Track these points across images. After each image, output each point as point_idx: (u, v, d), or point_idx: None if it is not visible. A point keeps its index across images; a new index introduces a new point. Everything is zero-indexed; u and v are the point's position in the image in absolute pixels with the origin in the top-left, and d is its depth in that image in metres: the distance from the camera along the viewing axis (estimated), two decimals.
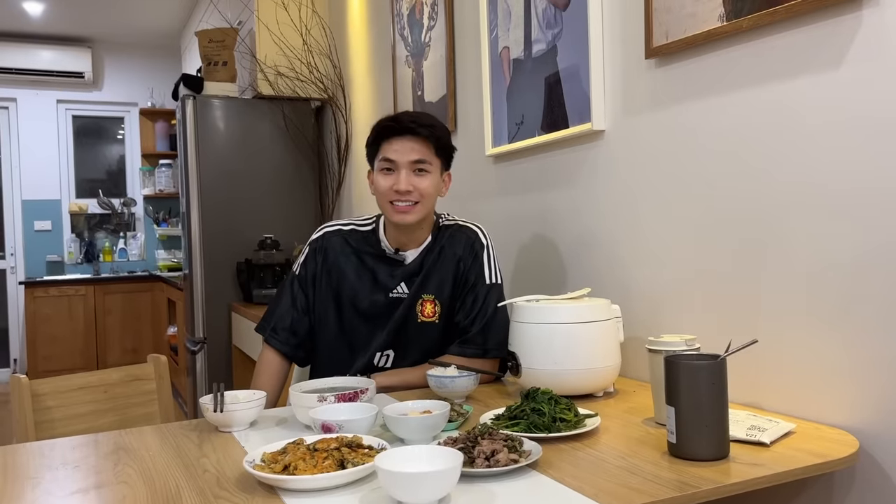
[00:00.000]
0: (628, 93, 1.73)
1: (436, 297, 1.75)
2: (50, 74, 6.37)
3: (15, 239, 6.46)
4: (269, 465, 1.08)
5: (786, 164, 1.35)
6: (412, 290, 1.75)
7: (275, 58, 3.71)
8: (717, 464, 1.09)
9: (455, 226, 1.82)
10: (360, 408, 1.31)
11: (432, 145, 1.69)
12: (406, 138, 1.68)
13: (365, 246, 1.79)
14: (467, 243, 1.77)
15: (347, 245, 1.80)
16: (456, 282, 1.75)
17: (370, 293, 1.76)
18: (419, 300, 1.74)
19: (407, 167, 1.67)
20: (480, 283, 1.75)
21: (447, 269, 1.76)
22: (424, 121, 1.70)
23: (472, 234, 1.79)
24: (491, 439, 1.11)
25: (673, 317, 1.63)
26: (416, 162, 1.68)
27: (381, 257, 1.77)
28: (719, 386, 1.12)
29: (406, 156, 1.67)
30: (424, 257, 1.77)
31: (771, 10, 1.33)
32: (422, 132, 1.67)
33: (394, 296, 1.75)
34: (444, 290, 1.75)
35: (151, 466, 1.19)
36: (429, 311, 1.74)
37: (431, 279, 1.75)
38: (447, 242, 1.78)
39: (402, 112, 1.77)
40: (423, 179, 1.69)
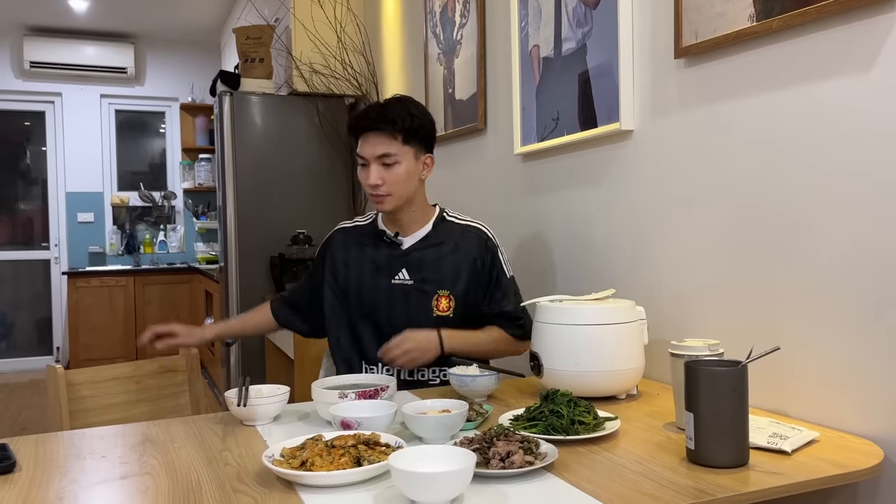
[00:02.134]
0: (657, 93, 1.71)
1: (450, 293, 1.80)
2: (94, 70, 6.52)
3: (59, 230, 6.63)
4: (287, 461, 1.10)
5: (815, 166, 1.33)
6: (416, 279, 1.81)
7: (310, 55, 3.74)
8: (736, 471, 1.08)
9: (462, 225, 1.88)
10: (379, 405, 1.32)
11: (399, 136, 1.73)
12: (371, 134, 1.74)
13: (364, 237, 1.89)
14: (481, 243, 1.84)
15: (349, 238, 1.91)
16: (476, 279, 1.82)
17: (372, 278, 1.83)
18: (434, 296, 1.79)
19: (375, 162, 1.74)
20: (503, 278, 1.85)
21: (460, 265, 1.81)
22: (390, 114, 1.73)
23: (483, 235, 1.86)
24: (507, 440, 1.11)
25: (699, 320, 1.61)
26: (382, 156, 1.73)
27: (379, 243, 1.85)
28: (740, 393, 1.10)
29: (372, 151, 1.74)
30: (424, 247, 1.83)
31: (801, 11, 1.30)
32: (385, 127, 1.72)
33: (396, 282, 1.81)
34: (458, 285, 1.81)
35: (175, 458, 1.22)
36: (444, 305, 1.80)
37: (438, 271, 1.81)
38: (459, 240, 1.84)
39: (370, 105, 1.80)
40: (392, 172, 1.74)
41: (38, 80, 6.45)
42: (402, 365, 1.70)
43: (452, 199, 2.77)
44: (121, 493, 1.07)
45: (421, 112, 1.78)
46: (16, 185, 6.63)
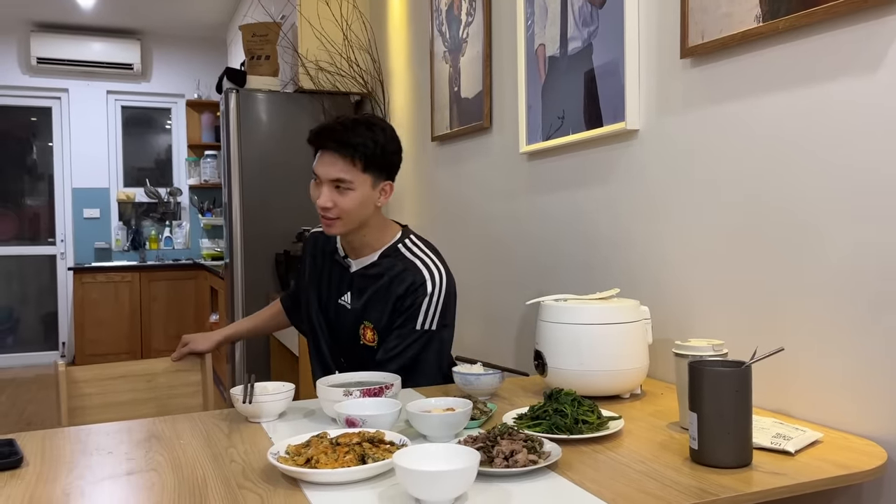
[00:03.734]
0: (663, 92, 1.71)
1: (374, 326, 1.75)
2: (100, 66, 6.53)
3: (65, 226, 6.65)
4: (292, 458, 1.11)
5: (821, 167, 1.33)
6: (354, 305, 1.78)
7: (316, 52, 3.74)
8: (739, 472, 1.08)
9: (408, 261, 1.74)
10: (384, 403, 1.33)
11: (359, 162, 1.63)
12: (328, 154, 1.64)
13: (326, 246, 1.87)
14: (410, 286, 1.70)
15: (317, 244, 1.90)
16: (391, 318, 1.72)
17: (326, 292, 1.85)
18: (362, 324, 1.76)
19: (328, 184, 1.65)
20: (409, 327, 1.70)
21: (386, 301, 1.72)
22: (350, 138, 1.62)
23: (419, 278, 1.70)
24: (511, 439, 1.12)
25: (703, 319, 1.61)
26: (337, 180, 1.64)
27: (334, 259, 1.84)
28: (743, 393, 1.10)
29: (326, 173, 1.64)
30: (365, 275, 1.77)
31: (808, 12, 1.30)
32: (343, 152, 1.63)
33: (341, 303, 1.81)
34: (381, 320, 1.73)
35: (181, 455, 1.23)
36: (369, 336, 1.76)
37: (371, 305, 1.75)
38: (393, 277, 1.72)
39: (335, 122, 1.67)
40: (345, 198, 1.65)
41: (44, 76, 6.47)
42: None
43: (457, 198, 2.78)
44: (127, 489, 1.08)
45: (386, 138, 1.68)
46: (22, 180, 6.66)
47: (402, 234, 1.80)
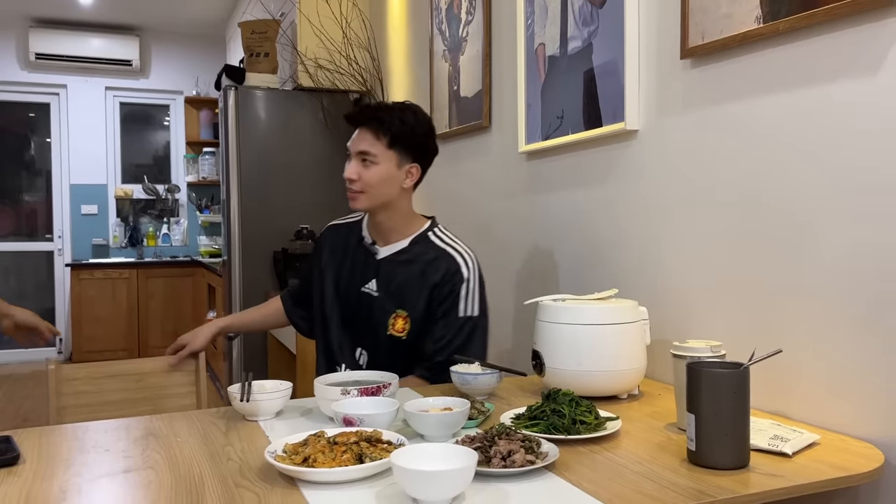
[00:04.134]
0: (663, 93, 1.71)
1: (408, 315, 1.76)
2: (99, 62, 6.52)
3: (62, 222, 6.64)
4: (289, 457, 1.10)
5: (819, 168, 1.33)
6: (381, 293, 1.79)
7: (315, 50, 3.74)
8: (737, 473, 1.08)
9: (440, 249, 1.79)
10: (381, 402, 1.33)
11: (384, 138, 1.72)
12: (360, 129, 1.76)
13: (349, 235, 1.90)
14: (447, 274, 1.74)
15: (337, 236, 1.92)
16: (429, 307, 1.75)
17: (347, 281, 1.84)
18: (392, 314, 1.76)
19: (355, 157, 1.75)
20: (453, 315, 1.74)
21: (421, 290, 1.75)
22: (380, 115, 1.73)
23: (453, 265, 1.76)
24: (508, 439, 1.11)
25: (701, 321, 1.61)
26: (362, 153, 1.73)
27: (359, 247, 1.86)
28: (741, 395, 1.11)
29: (355, 146, 1.75)
30: (395, 261, 1.80)
31: (809, 13, 1.30)
32: (371, 125, 1.73)
33: (365, 290, 1.81)
34: (416, 309, 1.75)
35: (178, 453, 1.23)
36: (399, 326, 1.77)
37: (402, 292, 1.77)
38: (426, 264, 1.76)
39: (368, 104, 1.80)
40: (369, 171, 1.73)
41: (43, 72, 6.45)
42: None
43: (456, 196, 2.77)
44: (124, 486, 1.08)
45: (417, 121, 1.76)
46: (20, 176, 6.64)
47: (430, 223, 1.86)
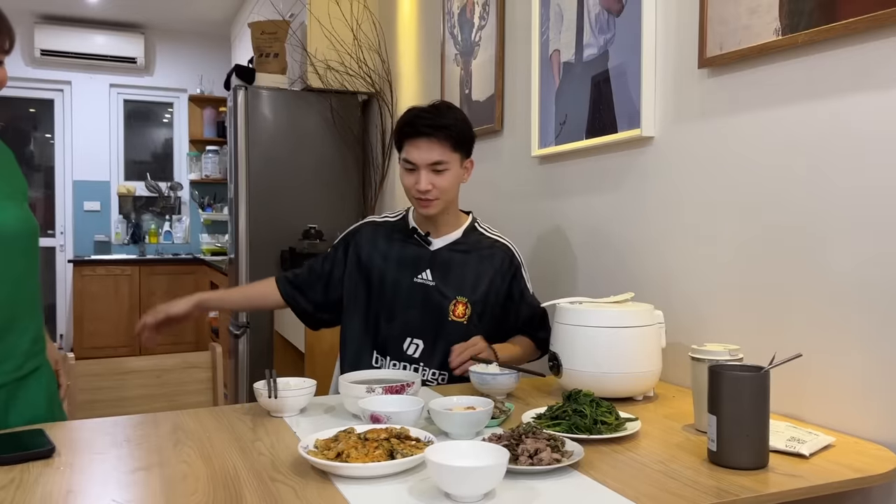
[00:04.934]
0: (679, 101, 1.74)
1: (468, 300, 1.84)
2: (104, 59, 6.53)
3: (65, 218, 6.65)
4: (322, 452, 1.13)
5: (835, 179, 1.36)
6: (438, 281, 1.84)
7: (325, 51, 3.77)
8: (756, 473, 1.12)
9: (491, 238, 1.93)
10: (407, 400, 1.36)
11: (450, 144, 1.78)
12: (424, 140, 1.77)
13: (394, 232, 1.92)
14: (505, 259, 1.90)
15: (378, 232, 1.93)
16: (495, 293, 1.87)
17: (396, 272, 1.86)
18: (453, 301, 1.83)
19: (426, 168, 1.77)
20: (528, 295, 1.92)
21: (482, 276, 1.86)
22: (441, 121, 1.77)
23: (508, 252, 1.92)
24: (535, 438, 1.15)
25: (715, 325, 1.64)
26: (435, 163, 1.77)
27: (409, 240, 1.89)
28: (762, 398, 1.14)
29: (424, 158, 1.77)
30: (451, 251, 1.87)
31: (828, 27, 1.33)
32: (438, 135, 1.76)
33: (419, 281, 1.85)
34: (477, 293, 1.85)
35: (209, 447, 1.26)
36: (460, 311, 1.84)
37: (460, 278, 1.85)
38: (485, 252, 1.89)
39: (421, 111, 1.81)
40: (442, 178, 1.79)
41: (48, 68, 6.47)
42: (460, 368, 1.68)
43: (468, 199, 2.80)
44: (161, 479, 1.10)
45: (465, 118, 1.84)
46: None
47: (472, 216, 1.96)
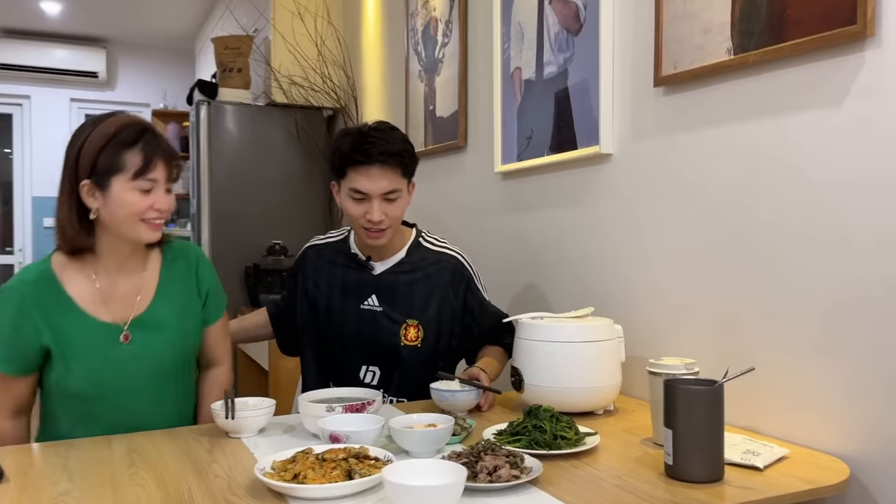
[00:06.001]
0: (636, 119, 1.77)
1: (418, 322, 1.78)
2: (64, 73, 6.44)
3: (24, 235, 6.51)
4: (278, 473, 1.12)
5: (785, 195, 1.39)
6: (385, 306, 1.78)
7: (289, 66, 3.76)
8: (712, 486, 1.13)
9: (437, 252, 1.85)
10: (367, 419, 1.35)
11: (401, 170, 1.70)
12: (376, 168, 1.66)
13: (336, 256, 1.85)
14: (455, 272, 1.82)
15: (321, 257, 1.86)
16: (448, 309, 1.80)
17: (341, 302, 1.80)
18: (403, 325, 1.77)
19: (378, 198, 1.68)
20: (486, 304, 1.86)
21: (431, 294, 1.79)
22: (392, 147, 1.67)
23: (457, 263, 1.84)
24: (494, 455, 1.15)
25: (673, 338, 1.67)
26: (388, 192, 1.68)
27: (351, 265, 1.82)
28: (716, 411, 1.16)
29: (378, 188, 1.67)
30: (395, 273, 1.81)
31: (776, 47, 1.37)
32: (391, 161, 1.67)
33: (365, 308, 1.79)
34: (427, 313, 1.79)
35: (164, 470, 1.23)
36: (412, 335, 1.78)
37: (408, 300, 1.78)
38: (431, 269, 1.81)
39: (367, 136, 1.69)
40: (395, 206, 1.71)
41: (6, 82, 6.35)
42: None
43: (431, 215, 2.81)
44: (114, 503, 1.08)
45: (407, 139, 1.76)
46: None
47: (415, 230, 1.88)
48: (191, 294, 1.61)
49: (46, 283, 1.48)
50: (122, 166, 1.43)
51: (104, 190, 1.43)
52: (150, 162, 1.44)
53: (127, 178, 1.43)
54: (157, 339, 1.53)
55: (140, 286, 1.55)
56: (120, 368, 1.50)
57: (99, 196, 1.44)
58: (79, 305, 1.49)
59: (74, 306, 1.48)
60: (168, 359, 1.56)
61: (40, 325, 1.46)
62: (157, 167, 1.46)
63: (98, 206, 1.44)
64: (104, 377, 1.49)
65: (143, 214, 1.46)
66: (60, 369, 1.47)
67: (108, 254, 1.51)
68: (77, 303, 1.49)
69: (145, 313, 1.53)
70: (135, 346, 1.51)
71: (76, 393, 1.49)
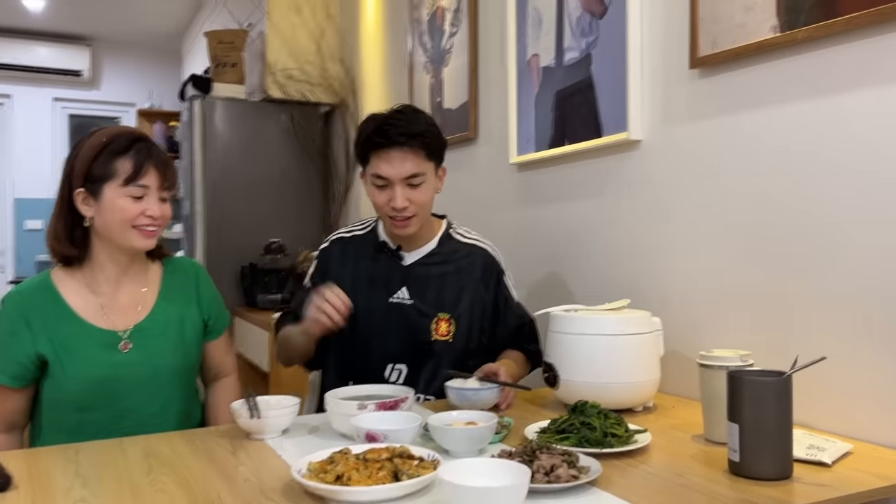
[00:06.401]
0: (668, 102, 1.70)
1: (450, 316, 1.69)
2: (47, 72, 6.29)
3: (5, 237, 6.34)
4: (317, 475, 1.03)
5: (841, 177, 1.33)
6: (416, 299, 1.68)
7: (285, 60, 3.66)
8: (782, 483, 1.06)
9: (468, 244, 1.76)
10: (403, 417, 1.26)
11: (424, 152, 1.61)
12: (396, 151, 1.58)
13: (363, 248, 1.75)
14: (487, 267, 1.75)
15: (346, 251, 1.76)
16: (479, 303, 1.72)
17: (367, 296, 1.68)
18: (434, 318, 1.68)
19: (401, 183, 1.59)
20: (512, 303, 1.78)
21: (464, 287, 1.71)
22: (414, 128, 1.59)
23: (488, 258, 1.76)
24: (549, 454, 1.07)
25: (712, 331, 1.59)
26: (411, 177, 1.59)
27: (379, 255, 1.72)
28: (785, 403, 1.08)
29: (399, 171, 1.58)
30: (426, 264, 1.71)
31: (829, 23, 1.30)
32: (412, 143, 1.58)
33: (394, 301, 1.68)
34: (460, 307, 1.70)
35: (187, 474, 1.14)
36: (443, 329, 1.68)
37: (439, 292, 1.69)
38: (463, 261, 1.73)
39: (388, 117, 1.61)
40: (419, 192, 1.61)
41: None
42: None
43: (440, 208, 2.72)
44: None
45: (434, 122, 1.68)
46: None
47: (446, 221, 1.79)
48: (190, 306, 1.60)
49: (45, 292, 1.49)
50: (113, 173, 1.44)
51: (97, 197, 1.44)
52: (140, 168, 1.45)
53: (118, 185, 1.44)
54: (155, 348, 1.52)
55: (140, 297, 1.54)
56: (118, 376, 1.48)
57: (93, 204, 1.45)
58: (78, 314, 1.48)
59: (73, 315, 1.48)
60: (166, 368, 1.54)
61: (38, 333, 1.45)
62: (148, 174, 1.46)
63: (92, 214, 1.46)
64: (102, 385, 1.47)
65: (135, 221, 1.46)
66: (58, 376, 1.46)
67: (107, 264, 1.51)
68: (76, 311, 1.48)
69: (144, 322, 1.53)
70: (133, 354, 1.49)
71: (73, 401, 1.46)
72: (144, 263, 1.57)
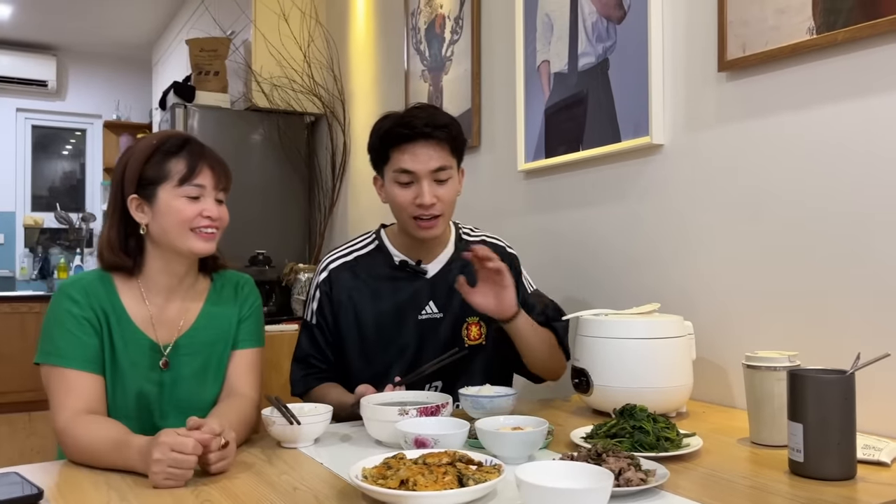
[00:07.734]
0: (693, 107, 1.70)
1: (480, 318, 1.62)
2: (11, 81, 6.10)
3: None
4: (375, 481, 0.98)
5: (875, 181, 1.33)
6: (446, 311, 1.61)
7: (271, 69, 3.60)
8: (848, 483, 1.04)
9: (482, 242, 1.69)
10: (449, 422, 1.21)
11: (449, 146, 1.53)
12: (421, 143, 1.50)
13: (374, 268, 1.63)
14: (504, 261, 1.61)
15: (355, 277, 1.63)
16: None
17: (395, 319, 1.59)
18: (464, 323, 1.62)
19: (428, 177, 1.51)
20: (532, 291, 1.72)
21: None
22: (439, 120, 1.52)
23: (505, 252, 1.69)
24: (616, 457, 1.03)
25: (741, 334, 1.58)
26: (437, 170, 1.51)
27: (398, 275, 1.62)
28: (850, 402, 1.07)
29: (426, 165, 1.50)
30: (447, 273, 1.63)
31: (871, 24, 1.31)
32: (438, 135, 1.50)
33: (424, 317, 1.61)
34: None
35: (231, 485, 1.07)
36: (475, 333, 1.62)
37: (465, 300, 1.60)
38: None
39: (410, 111, 1.55)
40: (446, 188, 1.53)
41: None
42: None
43: None
44: None
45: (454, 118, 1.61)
46: None
47: (453, 222, 1.70)
48: (231, 320, 1.48)
49: (106, 285, 1.39)
50: (167, 174, 1.36)
51: (151, 202, 1.37)
52: (195, 167, 1.38)
53: (172, 186, 1.36)
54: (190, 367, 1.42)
55: (184, 311, 1.44)
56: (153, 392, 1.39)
57: (147, 210, 1.37)
58: (131, 317, 1.39)
59: (127, 317, 1.38)
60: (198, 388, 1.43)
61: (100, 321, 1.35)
62: (202, 173, 1.39)
63: (147, 220, 1.38)
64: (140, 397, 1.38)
65: (192, 223, 1.37)
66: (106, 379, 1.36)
67: (161, 275, 1.41)
68: (131, 316, 1.39)
69: (183, 338, 1.42)
70: (170, 373, 1.40)
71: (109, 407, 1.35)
72: (195, 276, 1.47)
